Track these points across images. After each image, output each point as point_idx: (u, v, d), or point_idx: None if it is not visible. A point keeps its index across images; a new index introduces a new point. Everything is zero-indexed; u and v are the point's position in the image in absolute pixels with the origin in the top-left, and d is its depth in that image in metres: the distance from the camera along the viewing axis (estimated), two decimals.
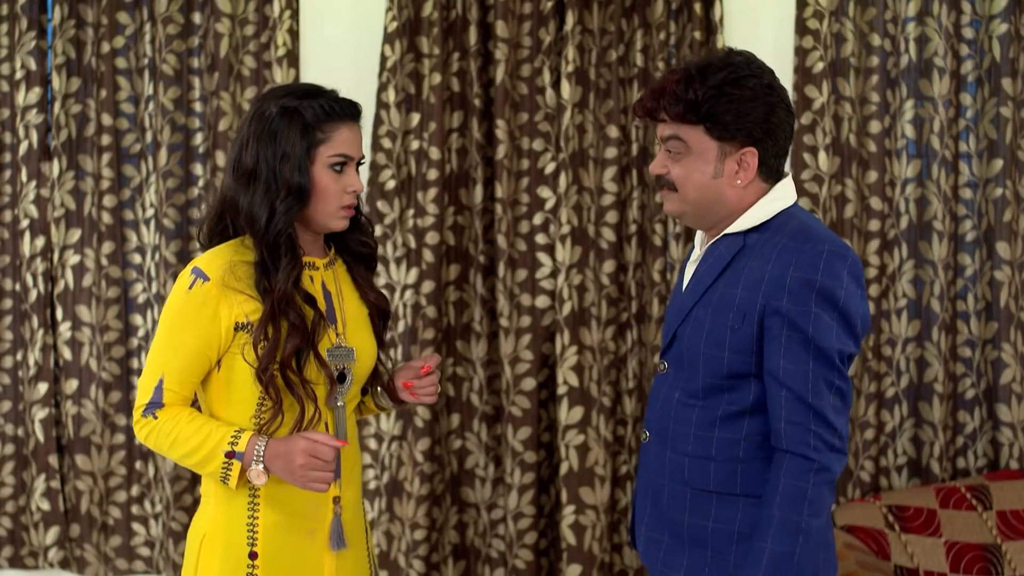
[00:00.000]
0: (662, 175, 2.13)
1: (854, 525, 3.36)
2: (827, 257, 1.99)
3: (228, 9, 3.69)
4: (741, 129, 2.05)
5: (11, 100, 3.76)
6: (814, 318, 1.98)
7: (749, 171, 2.08)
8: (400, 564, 3.68)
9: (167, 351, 2.10)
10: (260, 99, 2.16)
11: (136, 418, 2.13)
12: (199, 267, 2.09)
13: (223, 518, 2.14)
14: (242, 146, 2.12)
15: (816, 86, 3.53)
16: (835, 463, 2.00)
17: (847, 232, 3.56)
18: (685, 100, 2.05)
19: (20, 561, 3.84)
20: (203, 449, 2.07)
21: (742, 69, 2.05)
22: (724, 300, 2.07)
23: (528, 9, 3.60)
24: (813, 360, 1.98)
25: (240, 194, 2.11)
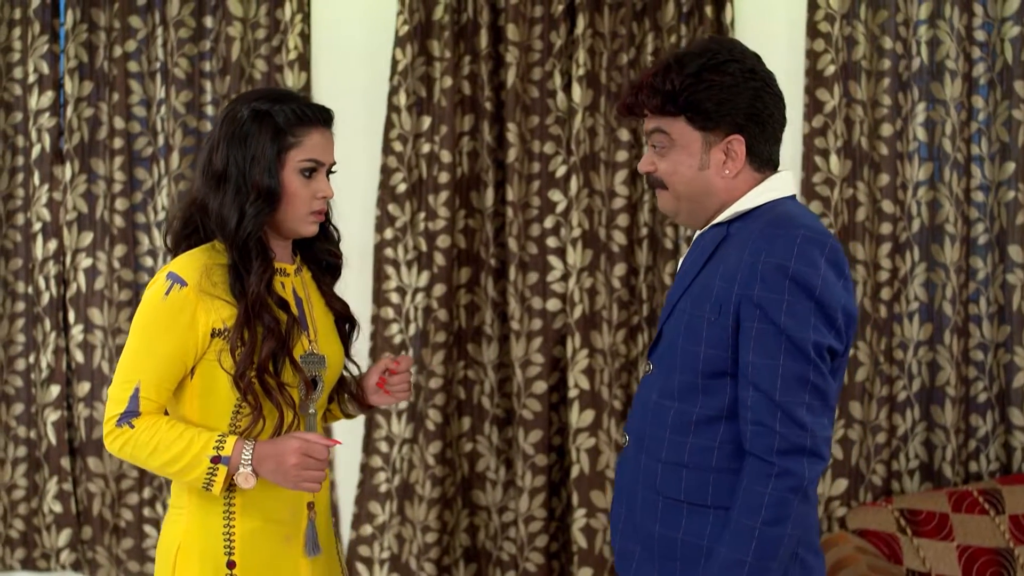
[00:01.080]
0: (651, 173, 2.05)
1: (866, 529, 3.35)
2: (801, 242, 1.87)
3: (240, 13, 3.70)
4: (724, 116, 1.96)
5: (24, 104, 3.77)
6: (787, 307, 1.86)
7: (737, 160, 1.98)
8: (411, 567, 3.68)
9: (142, 358, 2.05)
10: (232, 102, 2.14)
11: (109, 428, 2.06)
12: (175, 272, 2.06)
13: (198, 528, 2.10)
14: (212, 148, 2.10)
15: (827, 89, 3.52)
16: (802, 466, 1.85)
17: (859, 235, 3.55)
18: (663, 91, 1.96)
19: (32, 563, 3.85)
20: (186, 456, 2.03)
21: (721, 54, 1.96)
22: (704, 291, 1.97)
23: (539, 12, 3.60)
24: (785, 354, 1.86)
25: (210, 196, 2.09)
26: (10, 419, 3.83)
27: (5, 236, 3.81)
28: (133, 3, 3.74)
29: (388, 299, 3.68)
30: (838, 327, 1.89)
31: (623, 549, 2.09)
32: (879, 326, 3.57)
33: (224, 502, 2.09)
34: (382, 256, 3.67)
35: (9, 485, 3.83)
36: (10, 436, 3.83)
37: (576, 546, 3.59)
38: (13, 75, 3.78)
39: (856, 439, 3.58)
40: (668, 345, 2.03)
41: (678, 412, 1.99)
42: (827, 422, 1.89)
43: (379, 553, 3.71)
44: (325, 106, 2.18)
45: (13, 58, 3.78)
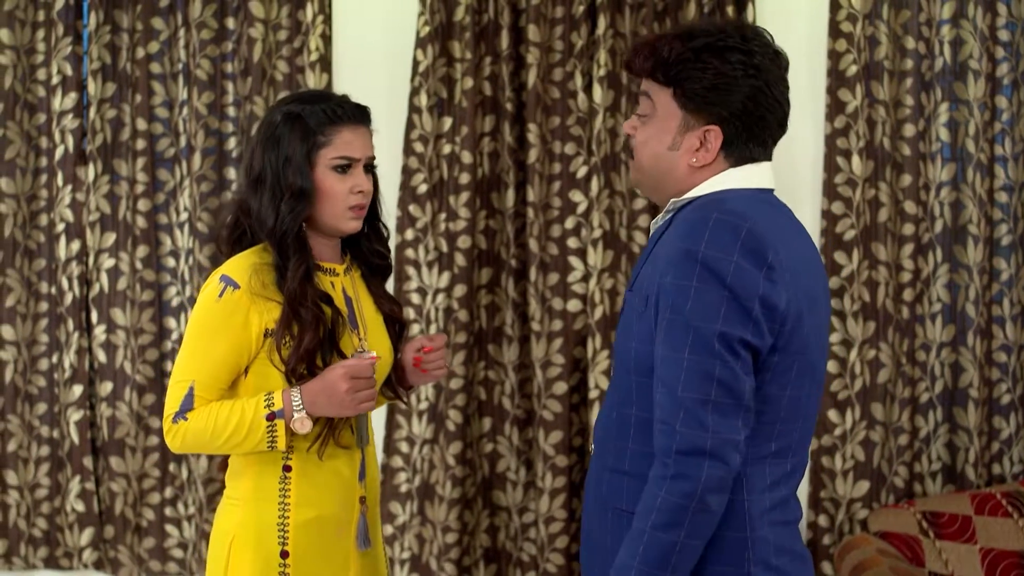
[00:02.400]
0: (629, 136, 1.94)
1: (888, 531, 3.34)
2: (714, 225, 1.73)
3: (261, 14, 3.71)
4: (710, 103, 1.82)
5: (48, 105, 3.79)
6: (694, 293, 1.71)
7: (709, 152, 1.85)
8: (432, 567, 3.68)
9: (198, 359, 2.13)
10: (271, 107, 2.25)
11: (167, 427, 2.15)
12: (227, 275, 2.13)
13: (253, 520, 2.17)
14: (251, 153, 2.20)
15: (849, 89, 3.51)
16: (699, 470, 1.69)
17: (881, 236, 3.54)
18: (658, 56, 1.84)
19: (55, 562, 3.87)
20: (243, 426, 2.10)
21: (730, 40, 1.83)
22: (640, 284, 1.87)
23: (560, 13, 3.60)
24: (690, 347, 1.71)
25: (251, 198, 2.18)
26: (33, 418, 3.85)
27: (29, 237, 3.83)
28: (156, 5, 3.75)
29: (409, 299, 3.68)
30: (755, 318, 1.72)
31: (587, 562, 1.98)
32: (901, 327, 3.56)
33: (280, 494, 2.16)
34: (403, 257, 3.68)
35: (32, 484, 3.86)
36: (33, 435, 3.85)
37: None
38: (37, 77, 3.81)
39: (878, 441, 3.56)
40: (616, 343, 1.95)
41: (620, 416, 1.88)
42: (738, 424, 1.72)
43: (400, 553, 3.72)
44: (359, 103, 2.22)
45: (37, 60, 3.80)
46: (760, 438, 1.80)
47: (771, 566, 1.81)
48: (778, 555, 1.82)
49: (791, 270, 1.78)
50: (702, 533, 1.74)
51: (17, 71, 3.79)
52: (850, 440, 3.57)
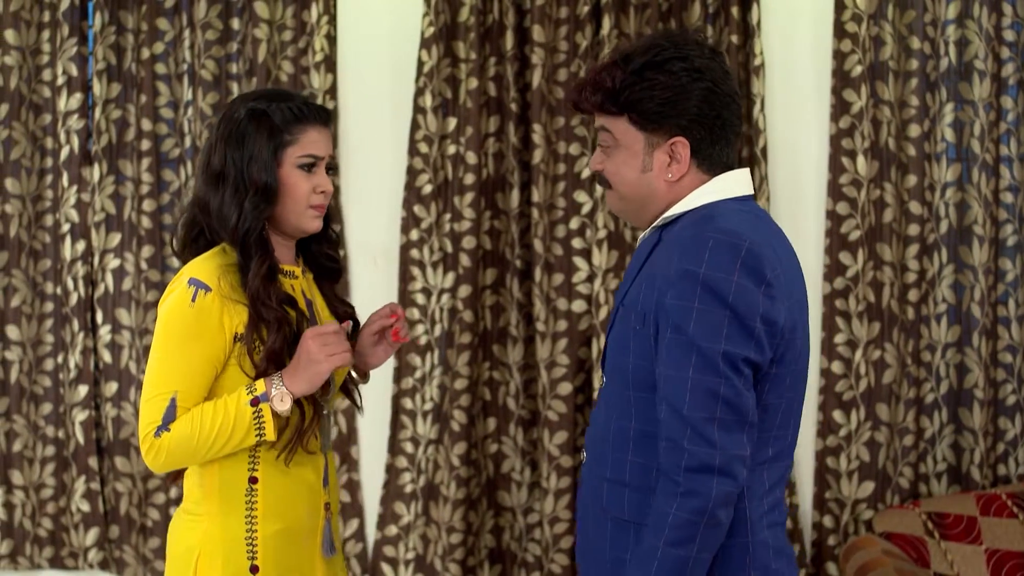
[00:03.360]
0: (599, 171, 1.97)
1: (893, 532, 3.33)
2: (713, 245, 1.76)
3: (266, 15, 3.71)
4: (667, 118, 1.86)
5: (53, 106, 3.80)
6: (697, 315, 1.74)
7: (682, 163, 1.88)
8: (436, 568, 3.69)
9: (176, 369, 2.05)
10: (230, 104, 2.18)
11: (148, 444, 2.05)
12: (196, 278, 2.06)
13: (219, 534, 2.11)
14: (210, 149, 2.14)
15: (855, 90, 3.51)
16: (709, 487, 1.73)
17: (886, 237, 3.53)
18: (604, 89, 1.88)
19: (60, 562, 3.88)
20: (229, 420, 2.04)
21: (667, 51, 1.86)
22: (633, 300, 1.89)
23: (564, 13, 3.60)
24: (694, 366, 1.74)
25: (210, 196, 2.12)
26: (39, 418, 3.86)
27: (34, 237, 3.83)
28: (161, 6, 3.76)
29: (414, 300, 3.68)
30: (757, 336, 1.76)
31: (585, 567, 2.02)
32: (906, 328, 3.55)
33: (247, 507, 2.11)
34: (408, 257, 3.68)
35: (37, 484, 3.86)
36: (39, 435, 3.86)
37: None
38: (42, 77, 3.81)
39: (883, 441, 3.56)
40: (610, 356, 1.97)
41: (617, 428, 1.91)
42: (743, 439, 1.76)
43: (404, 554, 3.72)
44: (322, 105, 2.21)
45: (42, 60, 3.81)
46: (759, 445, 1.85)
47: (770, 570, 1.87)
48: (776, 558, 1.88)
49: (786, 283, 1.82)
50: (712, 546, 1.78)
51: (23, 72, 3.80)
52: (855, 441, 3.57)
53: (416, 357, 3.71)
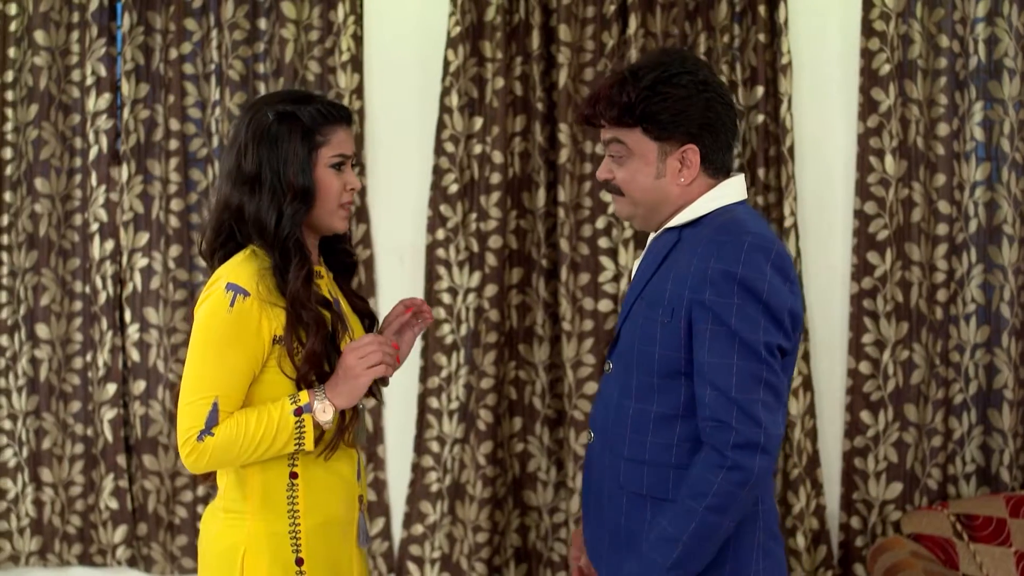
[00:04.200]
0: (608, 180, 2.14)
1: (921, 534, 3.31)
2: (748, 248, 1.96)
3: (293, 15, 3.72)
4: (679, 127, 2.04)
5: (82, 106, 3.83)
6: (737, 310, 1.94)
7: (692, 168, 2.07)
8: (462, 567, 3.69)
9: (217, 373, 2.06)
10: (252, 107, 2.19)
11: (189, 448, 2.06)
12: (234, 283, 2.07)
13: (264, 530, 2.14)
14: (240, 153, 2.14)
15: (883, 88, 3.49)
16: (753, 462, 1.92)
17: (914, 236, 3.51)
18: (620, 103, 2.05)
19: (89, 559, 3.91)
20: (272, 428, 2.07)
21: (674, 67, 2.05)
22: (656, 295, 2.06)
23: (591, 13, 3.59)
24: (738, 354, 1.93)
25: (245, 200, 2.12)
26: (67, 416, 3.88)
27: (63, 236, 3.86)
28: (188, 6, 3.78)
29: (440, 299, 3.69)
30: (785, 328, 1.98)
31: (593, 538, 2.20)
32: (935, 328, 3.53)
33: (288, 503, 2.14)
34: (434, 256, 3.69)
35: (66, 482, 3.89)
36: (67, 433, 3.89)
37: None
38: (71, 78, 3.84)
39: (911, 442, 3.54)
40: (626, 346, 2.12)
41: (637, 411, 2.08)
42: (780, 419, 1.97)
43: (430, 552, 3.73)
44: (344, 105, 2.24)
45: (71, 61, 3.83)
46: None
47: (774, 533, 2.11)
48: (776, 523, 2.14)
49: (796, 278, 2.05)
50: (741, 515, 1.98)
51: (52, 72, 3.82)
52: (883, 441, 3.55)
53: (442, 356, 3.71)
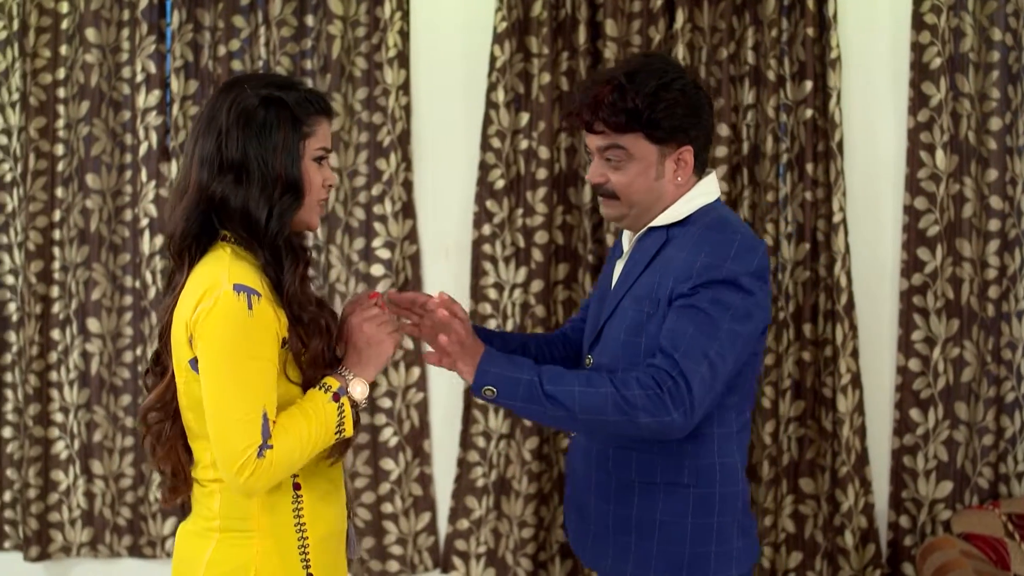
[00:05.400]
0: (601, 184, 2.18)
1: (972, 533, 3.28)
2: (738, 247, 2.06)
3: (340, 11, 3.74)
4: (678, 131, 2.13)
5: (132, 102, 3.86)
6: (712, 297, 2.03)
7: (688, 168, 2.17)
8: (508, 562, 3.70)
9: (257, 384, 1.89)
10: (230, 87, 1.98)
11: (252, 466, 1.87)
12: (242, 284, 1.89)
13: (274, 547, 1.98)
14: (221, 137, 1.93)
15: (933, 82, 3.45)
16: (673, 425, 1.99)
17: (965, 232, 3.47)
18: (625, 110, 2.10)
19: (139, 550, 3.95)
20: (320, 423, 1.94)
21: (669, 72, 2.13)
22: (644, 289, 2.14)
23: (638, 7, 3.58)
24: (696, 327, 2.01)
25: (228, 191, 1.93)
26: (118, 409, 3.93)
27: (114, 232, 3.90)
28: (237, 3, 3.80)
29: (486, 295, 3.69)
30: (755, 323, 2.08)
31: (578, 529, 2.29)
32: (986, 325, 3.49)
33: (294, 515, 2.00)
34: (480, 252, 3.69)
35: (117, 474, 3.93)
36: (118, 426, 3.93)
37: None
38: (122, 75, 3.88)
39: (962, 441, 3.50)
40: (610, 341, 2.20)
41: None
42: (708, 397, 2.02)
43: (475, 548, 3.74)
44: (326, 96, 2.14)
45: (122, 58, 3.87)
46: (740, 410, 2.20)
47: (748, 512, 2.22)
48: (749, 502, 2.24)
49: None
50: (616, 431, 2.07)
51: (103, 69, 3.87)
52: (933, 440, 3.51)
53: None
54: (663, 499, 2.15)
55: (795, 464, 3.59)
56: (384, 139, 3.73)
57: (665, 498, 2.15)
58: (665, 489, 2.15)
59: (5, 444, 3.98)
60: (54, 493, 3.95)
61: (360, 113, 3.75)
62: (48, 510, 3.95)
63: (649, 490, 2.15)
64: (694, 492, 2.14)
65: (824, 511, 3.58)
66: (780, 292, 3.56)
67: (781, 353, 3.56)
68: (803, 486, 3.59)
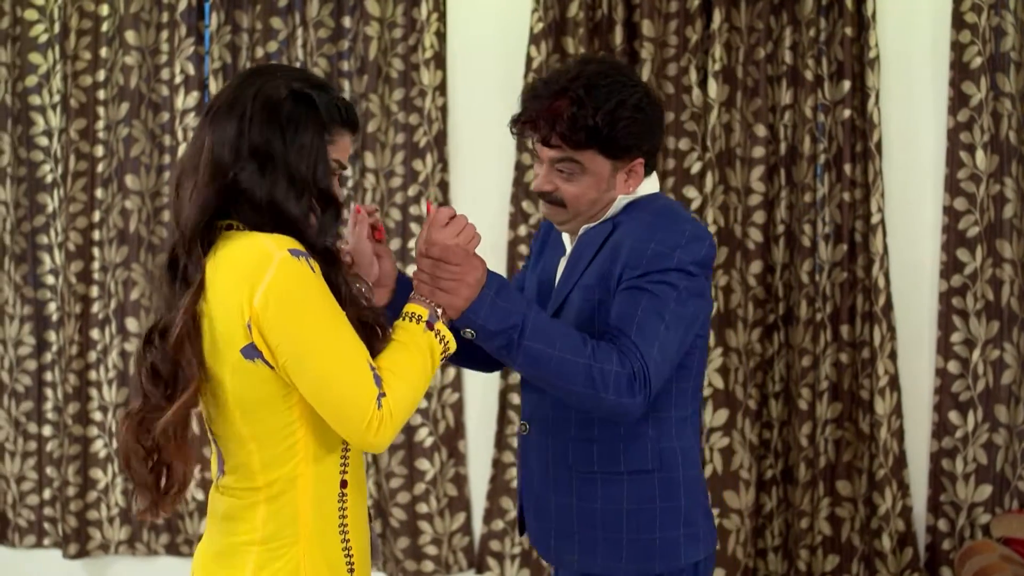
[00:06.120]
0: (549, 192, 2.14)
1: (1012, 537, 3.24)
2: (688, 236, 2.05)
3: (377, 12, 3.75)
4: (635, 147, 2.10)
5: (171, 104, 3.90)
6: (659, 281, 2.02)
7: (638, 178, 2.15)
8: (542, 563, 3.69)
9: (349, 336, 1.72)
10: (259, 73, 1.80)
11: (378, 418, 1.70)
12: (295, 248, 1.69)
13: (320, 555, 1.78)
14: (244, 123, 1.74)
15: (974, 82, 3.42)
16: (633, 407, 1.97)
17: (1006, 233, 3.44)
18: (585, 128, 2.06)
19: (176, 548, 3.98)
20: (423, 355, 1.79)
21: (627, 86, 2.08)
22: (593, 278, 2.10)
23: (675, 8, 3.57)
24: (643, 309, 2.00)
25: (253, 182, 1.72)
26: None
27: (153, 232, 3.94)
28: (274, 5, 3.83)
29: None
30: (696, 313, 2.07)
31: (539, 529, 2.23)
32: None
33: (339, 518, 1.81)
34: (515, 253, 3.69)
35: None
36: None
37: None
38: (161, 76, 3.91)
39: (1002, 444, 3.46)
40: None
41: None
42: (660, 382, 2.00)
43: (510, 548, 3.74)
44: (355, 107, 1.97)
45: (161, 60, 3.91)
46: (692, 397, 2.19)
47: (707, 494, 2.23)
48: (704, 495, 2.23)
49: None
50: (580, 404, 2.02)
51: (142, 71, 3.90)
52: (972, 443, 3.48)
53: None
54: (628, 487, 2.13)
55: (832, 467, 3.57)
56: (420, 140, 3.74)
57: (631, 486, 2.13)
58: (630, 477, 2.13)
59: (45, 442, 4.02)
60: (93, 491, 3.98)
61: (396, 114, 3.76)
62: (87, 508, 3.99)
63: (614, 480, 2.13)
64: (659, 477, 2.13)
65: (861, 514, 3.55)
66: (817, 293, 3.54)
67: (818, 355, 3.54)
68: (840, 489, 3.57)
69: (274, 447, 1.75)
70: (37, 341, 4.01)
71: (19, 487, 4.04)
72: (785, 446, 3.62)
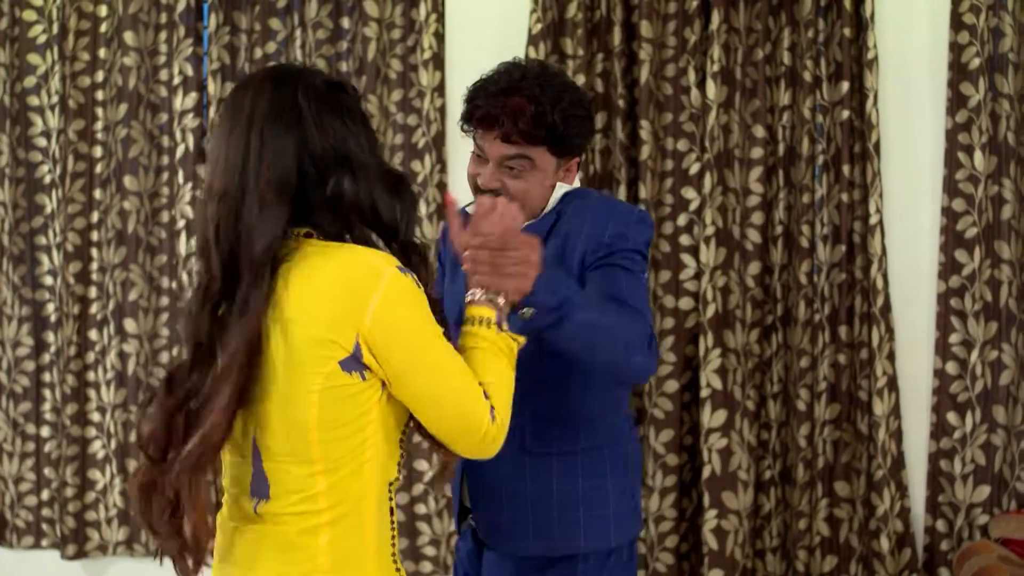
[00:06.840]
0: (495, 189, 2.14)
1: (1010, 538, 3.25)
2: (637, 218, 2.18)
3: (375, 13, 3.75)
4: (580, 146, 2.20)
5: (169, 105, 3.89)
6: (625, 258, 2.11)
7: (572, 175, 2.24)
8: None
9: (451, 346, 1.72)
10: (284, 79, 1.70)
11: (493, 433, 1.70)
12: (400, 265, 1.67)
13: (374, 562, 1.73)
14: (306, 127, 1.67)
15: (972, 83, 3.42)
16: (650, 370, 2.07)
17: (1004, 234, 3.44)
18: (545, 125, 2.10)
19: None
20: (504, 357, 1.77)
21: (570, 86, 2.18)
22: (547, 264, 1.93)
23: (673, 9, 3.57)
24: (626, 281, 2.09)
25: (343, 187, 1.68)
26: None
27: (151, 233, 3.94)
28: (273, 6, 3.83)
29: None
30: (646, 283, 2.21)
31: (490, 522, 2.21)
32: None
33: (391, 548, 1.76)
34: None
35: None
36: None
37: (707, 547, 3.55)
38: (159, 77, 3.91)
39: (1000, 445, 3.47)
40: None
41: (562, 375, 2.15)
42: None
43: None
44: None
45: (159, 61, 3.91)
46: None
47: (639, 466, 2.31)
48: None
49: None
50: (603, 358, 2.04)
51: (141, 72, 3.90)
52: (970, 443, 3.48)
53: None
54: (583, 465, 2.16)
55: (830, 467, 3.57)
56: (419, 141, 3.74)
57: (584, 464, 2.16)
58: (584, 455, 2.17)
59: (43, 443, 4.02)
60: (91, 492, 3.98)
61: (395, 115, 3.76)
62: (85, 509, 3.98)
63: (568, 461, 2.16)
64: (608, 453, 2.19)
65: (859, 515, 3.56)
66: (816, 294, 3.55)
67: (816, 356, 3.54)
68: (838, 489, 3.57)
69: (342, 468, 1.67)
70: (35, 342, 4.01)
71: (17, 488, 4.04)
72: (783, 447, 3.62)
